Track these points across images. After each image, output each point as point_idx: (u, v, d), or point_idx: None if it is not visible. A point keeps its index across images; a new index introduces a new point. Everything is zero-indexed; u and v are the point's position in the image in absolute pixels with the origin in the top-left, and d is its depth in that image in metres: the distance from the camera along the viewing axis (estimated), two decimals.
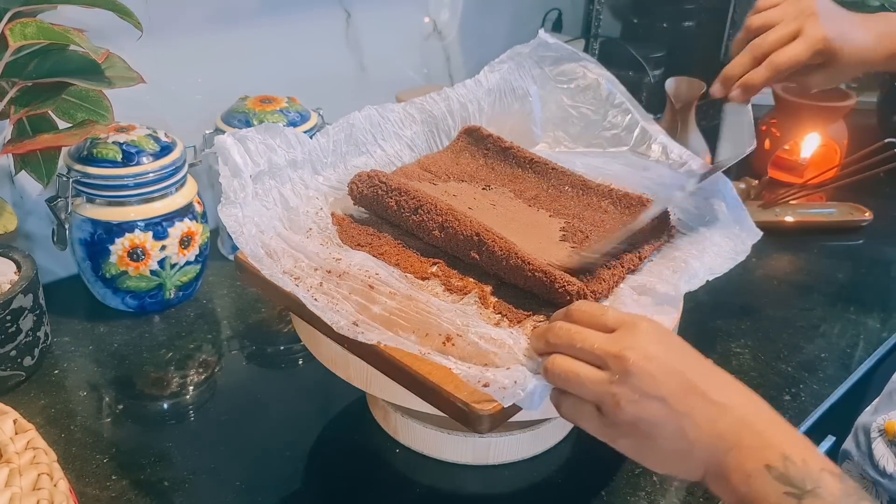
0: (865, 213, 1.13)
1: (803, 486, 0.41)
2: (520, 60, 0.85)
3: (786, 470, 0.41)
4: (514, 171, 0.77)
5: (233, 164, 0.63)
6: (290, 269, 0.60)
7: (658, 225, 0.69)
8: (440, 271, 0.62)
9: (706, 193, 0.74)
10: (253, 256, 0.59)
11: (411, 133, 0.78)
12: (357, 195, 0.68)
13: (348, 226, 0.67)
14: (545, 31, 0.86)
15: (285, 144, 0.67)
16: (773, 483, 0.41)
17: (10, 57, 0.65)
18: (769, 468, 0.42)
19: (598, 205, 0.72)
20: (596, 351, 0.47)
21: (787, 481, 0.41)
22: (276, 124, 0.68)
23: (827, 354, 0.86)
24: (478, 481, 0.68)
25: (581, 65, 0.87)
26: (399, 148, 0.78)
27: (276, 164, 0.66)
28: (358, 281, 0.58)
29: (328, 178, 0.72)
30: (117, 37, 0.80)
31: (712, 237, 0.69)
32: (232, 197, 0.62)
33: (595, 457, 0.70)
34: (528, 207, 0.71)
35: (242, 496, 0.65)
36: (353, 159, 0.74)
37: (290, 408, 0.76)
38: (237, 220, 0.61)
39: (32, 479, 0.49)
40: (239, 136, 0.64)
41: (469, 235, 0.61)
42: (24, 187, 0.88)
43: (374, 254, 0.63)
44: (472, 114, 0.82)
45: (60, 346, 0.82)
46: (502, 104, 0.84)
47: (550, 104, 0.87)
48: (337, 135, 0.72)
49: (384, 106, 0.76)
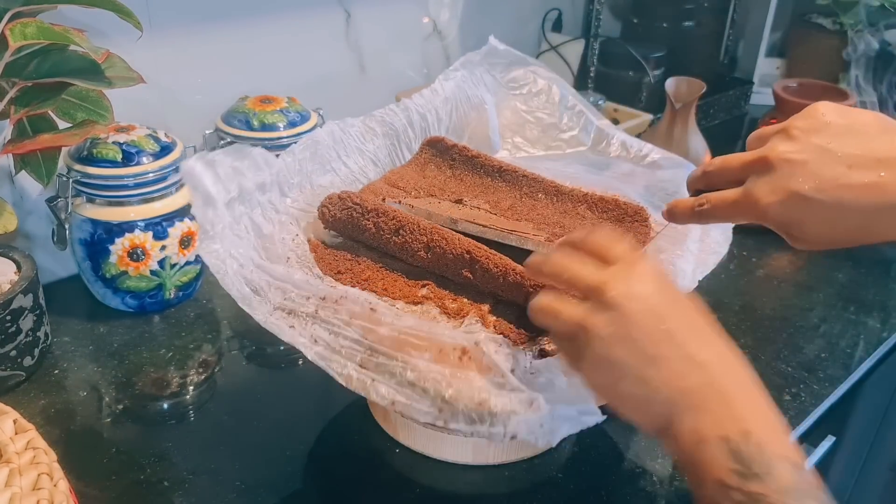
0: None
1: (750, 469, 0.39)
2: (471, 68, 0.85)
3: (739, 447, 0.40)
4: (483, 180, 0.75)
5: (204, 192, 0.58)
6: (281, 302, 0.56)
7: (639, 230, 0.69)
8: (431, 293, 0.59)
9: (674, 186, 0.74)
10: (241, 299, 0.56)
11: (374, 147, 0.77)
12: (329, 219, 0.65)
13: (323, 252, 0.64)
14: (494, 38, 0.86)
15: (254, 167, 0.64)
16: (723, 455, 0.40)
17: (10, 57, 0.65)
18: (726, 440, 0.40)
19: (575, 210, 0.72)
20: (580, 283, 0.46)
21: (738, 459, 0.40)
22: (244, 145, 0.64)
23: (827, 354, 0.86)
24: (478, 481, 0.68)
25: (531, 70, 0.87)
26: (363, 164, 0.76)
27: (245, 188, 0.62)
28: (358, 304, 0.54)
29: (296, 199, 0.69)
30: (117, 37, 0.80)
31: (691, 232, 0.68)
32: (209, 230, 0.58)
33: (595, 457, 0.70)
34: (507, 220, 0.69)
35: (242, 496, 0.65)
36: (319, 178, 0.72)
37: (290, 408, 0.76)
38: (218, 256, 0.57)
39: (32, 480, 0.49)
40: (207, 160, 0.60)
41: (459, 254, 0.58)
42: (24, 187, 0.88)
43: (357, 280, 0.60)
44: (431, 124, 0.81)
45: (60, 346, 0.82)
46: (459, 113, 0.84)
47: (506, 111, 0.87)
48: (302, 153, 0.70)
49: (344, 121, 0.75)
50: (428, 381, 0.49)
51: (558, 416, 0.48)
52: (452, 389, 0.48)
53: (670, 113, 1.06)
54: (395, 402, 0.50)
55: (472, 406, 0.48)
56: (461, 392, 0.48)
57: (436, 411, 0.49)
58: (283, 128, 0.93)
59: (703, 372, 0.43)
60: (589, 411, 0.49)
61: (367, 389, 0.50)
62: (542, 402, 0.48)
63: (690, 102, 1.04)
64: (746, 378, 0.44)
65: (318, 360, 0.52)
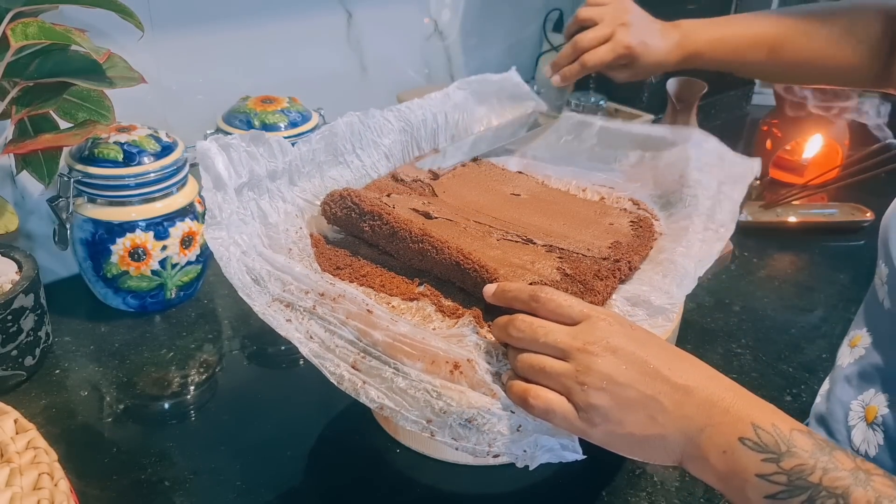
0: (867, 213, 1.12)
1: (778, 449, 0.42)
2: (483, 87, 0.87)
3: (758, 438, 0.43)
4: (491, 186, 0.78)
5: (215, 175, 0.59)
6: (280, 294, 0.56)
7: (644, 234, 0.69)
8: (428, 290, 0.60)
9: (671, 157, 0.78)
10: (241, 289, 0.56)
11: (389, 142, 0.77)
12: (331, 216, 0.66)
13: (324, 248, 0.64)
14: (515, 71, 0.91)
15: (268, 153, 0.64)
16: (749, 454, 0.43)
17: (12, 57, 0.65)
18: (742, 440, 0.43)
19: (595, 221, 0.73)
20: (560, 345, 0.48)
21: (762, 449, 0.43)
22: (261, 132, 0.64)
23: (828, 355, 0.86)
24: (478, 481, 0.68)
25: (532, 106, 0.91)
26: (376, 158, 0.76)
27: (256, 174, 0.63)
28: (355, 304, 0.54)
29: (304, 189, 0.69)
30: (119, 37, 0.80)
31: (693, 225, 0.68)
32: (217, 215, 0.58)
33: (595, 457, 0.70)
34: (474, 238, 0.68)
35: (243, 496, 0.65)
36: (330, 170, 0.72)
37: (290, 408, 0.76)
38: (223, 244, 0.57)
39: (33, 479, 0.49)
40: (223, 143, 0.60)
41: (449, 263, 0.59)
42: (26, 187, 0.88)
43: (355, 276, 0.61)
44: (441, 126, 0.83)
45: (61, 346, 0.82)
46: (463, 124, 0.86)
47: (502, 133, 0.89)
48: (318, 143, 0.70)
49: (366, 112, 0.75)
50: (419, 391, 0.50)
51: (541, 445, 0.49)
52: (442, 402, 0.49)
53: (672, 113, 1.06)
54: (384, 406, 0.50)
55: (461, 421, 0.48)
56: (451, 406, 0.49)
57: (424, 421, 0.49)
58: (285, 128, 0.93)
59: (695, 394, 0.46)
60: (570, 447, 0.50)
61: (358, 391, 0.51)
62: (529, 429, 0.49)
63: (692, 103, 1.04)
64: (727, 383, 0.47)
65: (311, 357, 0.53)
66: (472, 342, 0.53)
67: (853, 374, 0.62)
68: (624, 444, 0.47)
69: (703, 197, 0.72)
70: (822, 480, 0.41)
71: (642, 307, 0.59)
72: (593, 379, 0.46)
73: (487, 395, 0.50)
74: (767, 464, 0.42)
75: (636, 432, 0.46)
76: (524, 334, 0.49)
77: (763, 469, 0.42)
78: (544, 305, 0.50)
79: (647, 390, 0.45)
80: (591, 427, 0.47)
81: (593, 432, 0.47)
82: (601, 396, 0.46)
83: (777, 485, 0.42)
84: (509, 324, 0.50)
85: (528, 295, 0.51)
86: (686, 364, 0.48)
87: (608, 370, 0.46)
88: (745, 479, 0.43)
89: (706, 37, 0.84)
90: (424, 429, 0.49)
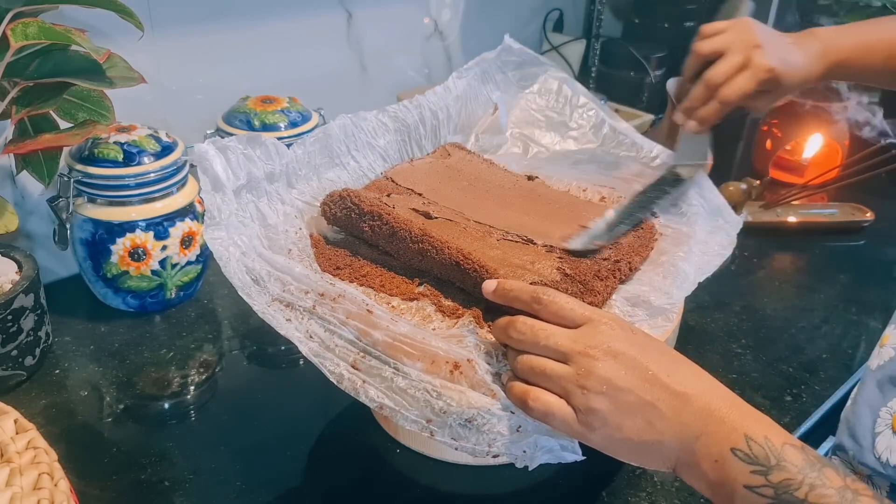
0: (867, 213, 1.12)
1: (768, 462, 0.43)
2: (485, 66, 0.85)
3: (749, 450, 0.43)
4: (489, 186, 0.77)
5: (213, 177, 0.59)
6: (280, 294, 0.56)
7: (645, 235, 0.69)
8: (428, 290, 0.60)
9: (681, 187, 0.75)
10: (241, 288, 0.56)
11: (384, 143, 0.77)
12: (330, 216, 0.66)
13: (324, 248, 0.65)
14: (509, 38, 0.87)
15: (265, 156, 0.64)
16: (739, 465, 0.43)
17: (12, 57, 0.65)
18: (734, 451, 0.43)
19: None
20: (561, 349, 0.48)
21: (752, 460, 0.43)
22: (258, 134, 0.64)
23: (828, 355, 0.86)
24: (478, 481, 0.68)
25: (543, 69, 0.88)
26: (372, 159, 0.76)
27: (254, 176, 0.63)
28: (355, 304, 0.54)
29: (302, 191, 0.69)
30: (119, 37, 0.80)
31: (696, 234, 0.69)
32: (216, 216, 0.58)
33: (595, 457, 0.70)
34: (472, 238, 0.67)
35: (243, 496, 0.65)
36: (327, 172, 0.72)
37: (290, 408, 0.76)
38: (222, 244, 0.57)
39: (33, 479, 0.49)
40: (220, 145, 0.60)
41: (448, 263, 0.59)
42: (26, 187, 0.88)
43: (355, 276, 0.61)
44: (442, 121, 0.82)
45: (61, 346, 0.82)
46: (468, 111, 0.84)
47: (515, 109, 0.88)
48: (312, 145, 0.70)
49: (357, 114, 0.75)
50: (418, 391, 0.50)
51: (540, 445, 0.49)
52: (442, 402, 0.49)
53: (671, 113, 1.05)
54: (384, 406, 0.50)
55: (460, 421, 0.49)
56: (450, 406, 0.49)
57: (423, 421, 0.49)
58: (285, 128, 0.93)
59: (693, 401, 0.46)
60: (570, 448, 0.50)
61: (358, 390, 0.51)
62: (529, 429, 0.49)
63: None
64: (725, 392, 0.47)
65: (311, 357, 0.53)
66: (472, 342, 0.53)
67: (884, 378, 0.61)
68: (621, 448, 0.47)
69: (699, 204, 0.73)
70: (809, 496, 0.41)
71: (642, 307, 0.59)
72: (593, 383, 0.46)
73: (487, 395, 0.50)
74: (756, 476, 0.43)
75: (634, 437, 0.46)
76: (525, 336, 0.49)
77: (751, 481, 0.43)
78: (546, 308, 0.50)
79: (647, 396, 0.45)
80: (589, 430, 0.47)
81: (592, 436, 0.47)
82: (601, 400, 0.46)
83: (764, 497, 0.42)
84: (510, 325, 0.50)
85: (529, 296, 0.51)
86: (686, 371, 0.48)
87: (608, 374, 0.46)
88: (734, 489, 0.43)
89: (851, 43, 0.75)
90: (424, 429, 0.49)
